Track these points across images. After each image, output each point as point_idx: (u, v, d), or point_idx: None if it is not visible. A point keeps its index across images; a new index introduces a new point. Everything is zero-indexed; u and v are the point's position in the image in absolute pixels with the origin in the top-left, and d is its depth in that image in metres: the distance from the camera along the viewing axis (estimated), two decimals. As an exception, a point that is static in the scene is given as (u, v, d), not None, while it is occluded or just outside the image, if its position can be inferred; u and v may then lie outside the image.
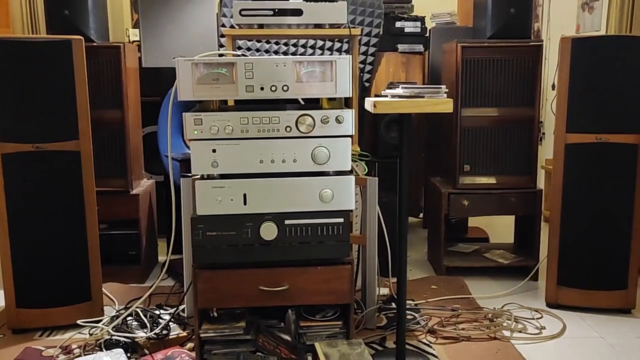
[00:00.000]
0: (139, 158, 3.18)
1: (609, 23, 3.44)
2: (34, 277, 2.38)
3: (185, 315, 2.43)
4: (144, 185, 3.17)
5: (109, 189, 2.92)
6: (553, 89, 4.11)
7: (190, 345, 2.22)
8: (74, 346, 2.28)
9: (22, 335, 2.40)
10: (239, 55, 2.41)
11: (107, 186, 2.91)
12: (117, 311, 2.51)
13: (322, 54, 3.58)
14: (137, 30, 3.47)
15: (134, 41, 3.76)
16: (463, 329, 2.45)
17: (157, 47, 3.16)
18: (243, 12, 2.47)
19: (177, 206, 2.36)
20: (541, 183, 3.93)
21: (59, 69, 2.30)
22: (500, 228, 3.91)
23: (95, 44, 2.84)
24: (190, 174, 2.14)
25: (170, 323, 2.34)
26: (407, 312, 2.31)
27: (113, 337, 2.26)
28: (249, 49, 3.56)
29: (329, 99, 2.05)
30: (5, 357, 2.23)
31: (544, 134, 4.43)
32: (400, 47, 3.72)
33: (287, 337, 2.16)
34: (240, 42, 3.51)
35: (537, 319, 2.57)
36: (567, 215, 2.60)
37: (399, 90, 1.97)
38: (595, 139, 2.53)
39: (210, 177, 1.99)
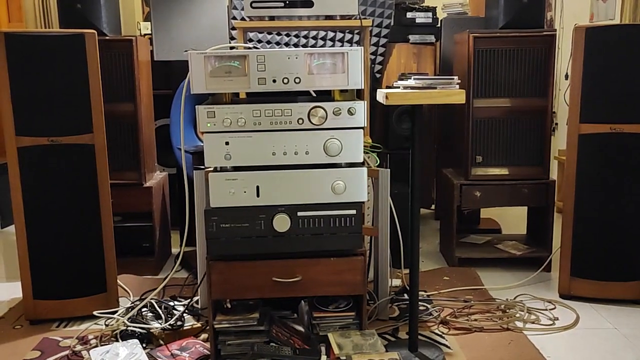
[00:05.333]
0: (151, 151, 3.20)
1: (623, 12, 3.41)
2: (51, 269, 2.41)
3: (199, 306, 2.45)
4: (157, 178, 3.19)
5: (123, 182, 2.95)
6: (566, 78, 4.08)
7: (204, 335, 2.25)
8: (90, 337, 2.32)
9: (39, 326, 2.44)
10: (250, 48, 2.41)
11: (121, 179, 2.94)
12: (132, 302, 2.54)
13: (332, 45, 3.57)
14: (148, 23, 3.49)
15: (145, 34, 3.78)
16: (475, 320, 2.45)
17: (168, 40, 3.16)
18: (254, 5, 2.47)
19: (190, 198, 2.38)
20: (554, 174, 3.90)
21: (72, 62, 2.32)
22: (512, 219, 3.90)
23: (107, 37, 2.85)
24: (203, 167, 2.15)
25: (184, 314, 2.36)
26: (419, 303, 2.31)
27: (129, 328, 2.29)
28: (259, 42, 3.56)
29: (341, 91, 2.05)
30: (23, 347, 2.27)
31: (556, 124, 4.39)
32: (412, 37, 3.70)
33: (300, 328, 2.17)
34: (250, 35, 3.52)
35: (550, 310, 2.57)
36: (581, 206, 2.58)
37: (411, 82, 1.96)
38: (609, 129, 2.51)
39: (223, 169, 2.00)
